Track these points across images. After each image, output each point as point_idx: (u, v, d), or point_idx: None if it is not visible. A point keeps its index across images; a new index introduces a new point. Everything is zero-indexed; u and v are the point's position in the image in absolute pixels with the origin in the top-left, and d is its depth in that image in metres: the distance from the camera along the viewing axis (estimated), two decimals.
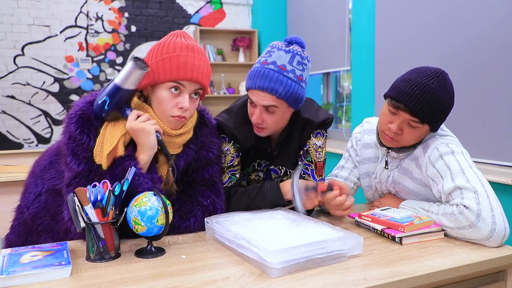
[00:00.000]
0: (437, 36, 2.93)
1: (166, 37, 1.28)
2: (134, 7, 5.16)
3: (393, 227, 1.23)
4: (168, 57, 1.21)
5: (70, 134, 1.20)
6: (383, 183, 1.53)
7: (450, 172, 1.29)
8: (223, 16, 5.61)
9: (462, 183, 1.24)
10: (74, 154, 1.20)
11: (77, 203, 1.07)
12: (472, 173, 1.27)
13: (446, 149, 1.33)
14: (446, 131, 1.45)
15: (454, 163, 1.30)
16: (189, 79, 1.22)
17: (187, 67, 1.21)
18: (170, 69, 1.21)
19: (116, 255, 1.10)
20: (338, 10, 4.38)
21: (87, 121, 1.21)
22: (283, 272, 0.97)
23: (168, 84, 1.22)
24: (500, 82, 2.50)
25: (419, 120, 1.32)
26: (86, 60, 5.01)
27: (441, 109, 1.33)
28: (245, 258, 1.06)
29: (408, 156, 1.44)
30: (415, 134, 1.36)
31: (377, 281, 0.94)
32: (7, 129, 4.77)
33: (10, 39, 4.71)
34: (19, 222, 1.43)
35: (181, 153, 1.33)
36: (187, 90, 1.23)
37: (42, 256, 1.04)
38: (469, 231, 1.18)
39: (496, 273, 1.15)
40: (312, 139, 1.52)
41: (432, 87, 1.30)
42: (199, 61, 1.24)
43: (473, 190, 1.22)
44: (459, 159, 1.31)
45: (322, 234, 1.12)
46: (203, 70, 1.24)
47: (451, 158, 1.31)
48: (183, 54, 1.22)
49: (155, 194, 1.12)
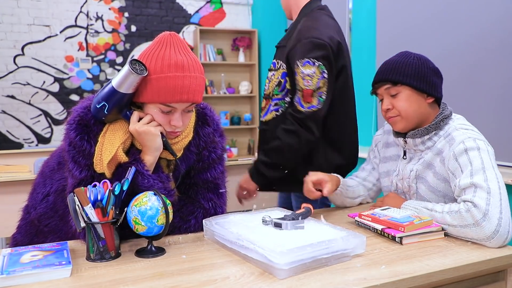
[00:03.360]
0: (439, 36, 2.93)
1: (155, 45, 1.19)
2: (134, 7, 5.16)
3: (393, 227, 1.23)
4: (156, 78, 1.14)
5: (70, 141, 1.19)
6: (405, 179, 1.47)
7: (471, 167, 1.27)
8: (223, 16, 5.61)
9: (479, 181, 1.23)
10: (75, 161, 1.19)
11: (77, 203, 1.07)
12: (492, 173, 1.25)
13: (472, 144, 1.30)
14: (469, 125, 1.41)
15: (477, 159, 1.28)
16: (179, 101, 1.16)
17: (176, 90, 1.14)
18: (158, 92, 1.15)
19: (116, 255, 1.10)
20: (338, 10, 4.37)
21: (86, 127, 1.19)
22: (290, 273, 0.97)
23: (157, 105, 1.18)
24: (500, 81, 2.50)
25: (391, 84, 1.39)
26: (86, 60, 5.01)
27: (415, 69, 1.37)
28: (247, 258, 1.06)
29: (431, 149, 1.41)
30: (405, 102, 1.39)
31: (377, 281, 0.94)
32: (7, 129, 4.77)
33: (10, 39, 4.71)
34: (25, 222, 1.43)
35: (182, 157, 1.32)
36: (178, 109, 1.19)
37: (42, 256, 1.04)
38: (472, 230, 1.18)
39: (496, 273, 1.15)
40: (300, 67, 1.63)
41: (396, 59, 1.41)
42: (189, 80, 1.16)
43: (487, 190, 1.21)
44: (483, 157, 1.29)
45: (325, 234, 1.12)
46: (194, 88, 1.17)
47: (476, 154, 1.29)
48: (171, 75, 1.14)
49: (155, 193, 1.12)
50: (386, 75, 1.40)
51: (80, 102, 1.25)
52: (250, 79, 5.68)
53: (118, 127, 1.22)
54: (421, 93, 1.39)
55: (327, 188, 1.47)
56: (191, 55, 1.20)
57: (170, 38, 1.19)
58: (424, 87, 1.38)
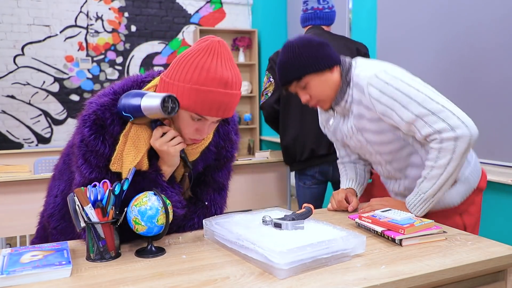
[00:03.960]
0: (439, 35, 2.92)
1: (201, 51, 1.11)
2: (134, 7, 5.16)
3: (393, 229, 1.22)
4: (197, 89, 1.09)
5: (83, 137, 1.15)
6: (352, 137, 1.53)
7: (398, 103, 1.33)
8: (223, 16, 5.61)
9: (418, 110, 1.30)
10: (86, 159, 1.16)
11: (77, 203, 1.07)
12: (419, 94, 1.32)
13: (377, 81, 1.36)
14: (367, 63, 1.49)
15: (396, 93, 1.34)
16: (215, 116, 1.14)
17: (214, 106, 1.11)
18: (195, 102, 1.11)
19: (116, 254, 1.10)
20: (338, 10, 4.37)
21: (101, 128, 1.15)
22: (290, 273, 0.97)
23: (191, 113, 1.14)
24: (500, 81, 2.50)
25: (296, 81, 1.47)
26: (86, 60, 5.01)
27: (305, 57, 1.44)
28: (247, 258, 1.06)
29: (352, 103, 1.47)
30: (317, 88, 1.47)
31: (377, 281, 0.94)
32: (7, 129, 4.77)
33: (10, 39, 4.71)
34: (40, 226, 1.43)
35: (201, 156, 1.30)
36: (209, 120, 1.16)
37: (42, 256, 1.04)
38: (460, 145, 1.26)
39: (496, 273, 1.15)
40: None
41: (286, 57, 1.47)
42: (229, 97, 1.12)
43: (430, 112, 1.29)
44: (398, 87, 1.34)
45: (325, 234, 1.12)
46: (231, 105, 1.15)
47: (391, 89, 1.34)
48: (214, 90, 1.09)
49: (155, 193, 1.12)
50: (288, 77, 1.49)
51: (97, 96, 1.20)
52: (250, 79, 5.67)
53: (143, 128, 1.19)
54: (323, 71, 1.46)
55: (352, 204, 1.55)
56: (235, 70, 1.15)
57: (218, 47, 1.12)
58: (322, 66, 1.45)
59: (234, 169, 1.47)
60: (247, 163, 2.76)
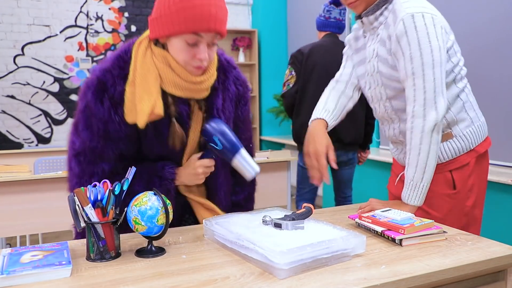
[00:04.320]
0: None
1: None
2: (134, 7, 5.16)
3: (393, 229, 1.22)
4: (183, 7, 1.13)
5: (87, 102, 1.20)
6: (371, 61, 1.50)
7: (410, 52, 1.33)
8: None
9: (411, 80, 1.33)
10: (88, 124, 1.21)
11: (77, 203, 1.07)
12: (429, 56, 1.31)
13: (409, 24, 1.32)
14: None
15: (414, 42, 1.32)
16: (206, 30, 1.15)
17: (203, 18, 1.14)
18: (185, 21, 1.14)
19: (116, 254, 1.10)
20: None
21: (103, 92, 1.20)
22: (290, 273, 0.97)
23: (183, 36, 1.17)
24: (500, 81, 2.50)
25: None
26: (86, 60, 5.01)
27: None
28: (247, 258, 1.06)
29: (384, 25, 1.43)
30: None
31: (377, 281, 0.94)
32: (7, 129, 4.77)
33: (10, 39, 4.71)
34: None
35: (210, 96, 1.32)
36: (204, 40, 1.18)
37: (42, 256, 1.04)
38: (426, 123, 1.31)
39: (496, 273, 1.15)
40: None
41: None
42: (215, 8, 1.15)
43: (423, 79, 1.31)
44: (420, 37, 1.31)
45: (325, 234, 1.12)
46: (220, 17, 1.17)
47: (413, 36, 1.32)
48: (197, 3, 1.13)
49: (155, 193, 1.12)
50: None
51: (100, 63, 1.26)
52: (250, 79, 5.67)
53: (149, 71, 1.21)
54: None
55: (330, 155, 1.50)
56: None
57: None
58: None
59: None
60: None
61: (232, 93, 1.39)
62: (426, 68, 1.31)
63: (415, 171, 1.35)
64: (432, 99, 1.31)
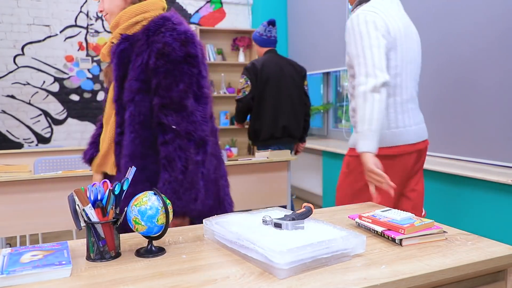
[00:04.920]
0: (438, 36, 2.93)
1: None
2: None
3: (393, 228, 1.22)
4: None
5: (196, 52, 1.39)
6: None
7: (348, 44, 1.77)
8: (223, 15, 5.61)
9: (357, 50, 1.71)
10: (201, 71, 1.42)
11: (77, 203, 1.07)
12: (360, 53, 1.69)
13: (349, 23, 1.75)
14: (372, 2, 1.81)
15: (350, 38, 1.74)
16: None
17: None
18: None
19: (116, 254, 1.10)
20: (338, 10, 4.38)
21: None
22: (290, 273, 0.97)
23: None
24: (500, 81, 2.50)
25: None
26: (86, 60, 5.01)
27: None
28: (247, 258, 1.06)
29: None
30: None
31: (377, 281, 0.94)
32: (7, 129, 4.77)
33: (10, 38, 4.71)
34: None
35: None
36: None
37: (42, 256, 1.04)
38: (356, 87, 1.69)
39: (496, 273, 1.15)
40: None
41: None
42: None
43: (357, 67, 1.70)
44: (355, 34, 1.71)
45: (325, 234, 1.12)
46: None
47: (350, 32, 1.74)
48: None
49: (155, 193, 1.12)
50: None
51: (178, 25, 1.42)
52: None
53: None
54: None
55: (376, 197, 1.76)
56: None
57: None
58: None
59: (235, 169, 1.47)
60: (247, 163, 2.76)
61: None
62: (366, 49, 1.67)
63: (363, 124, 1.64)
64: (372, 71, 1.64)
